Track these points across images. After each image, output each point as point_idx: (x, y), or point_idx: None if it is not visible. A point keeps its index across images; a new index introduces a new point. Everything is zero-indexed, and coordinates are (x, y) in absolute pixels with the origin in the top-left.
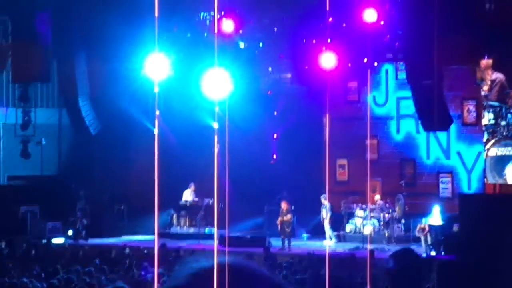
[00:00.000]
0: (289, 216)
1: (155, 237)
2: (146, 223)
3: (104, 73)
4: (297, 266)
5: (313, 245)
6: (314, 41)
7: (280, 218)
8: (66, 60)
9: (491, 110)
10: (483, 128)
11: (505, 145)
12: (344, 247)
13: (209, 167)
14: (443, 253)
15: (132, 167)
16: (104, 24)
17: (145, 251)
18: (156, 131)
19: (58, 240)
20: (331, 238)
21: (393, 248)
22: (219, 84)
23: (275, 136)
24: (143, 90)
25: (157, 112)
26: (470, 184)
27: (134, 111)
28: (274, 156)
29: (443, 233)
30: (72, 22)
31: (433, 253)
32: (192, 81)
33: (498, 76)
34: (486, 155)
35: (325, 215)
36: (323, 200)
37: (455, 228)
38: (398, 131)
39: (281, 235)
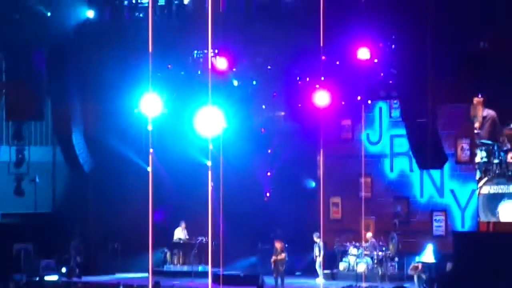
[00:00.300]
0: (283, 255)
1: (149, 275)
2: (139, 261)
3: (98, 112)
4: None
5: (306, 283)
6: (307, 79)
7: (274, 257)
8: (60, 98)
9: (483, 148)
10: (476, 166)
11: (498, 183)
12: (337, 285)
13: (202, 204)
14: None
15: (126, 205)
16: (99, 63)
17: None
18: (150, 169)
19: (51, 278)
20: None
21: (387, 286)
22: (212, 122)
23: (268, 173)
24: (137, 128)
25: (151, 150)
26: (463, 222)
27: (127, 149)
28: (268, 194)
29: (437, 271)
30: (67, 60)
31: None
32: (186, 119)
33: (490, 112)
34: (479, 193)
35: (318, 253)
36: (315, 238)
37: (449, 266)
38: (392, 169)
39: (274, 273)
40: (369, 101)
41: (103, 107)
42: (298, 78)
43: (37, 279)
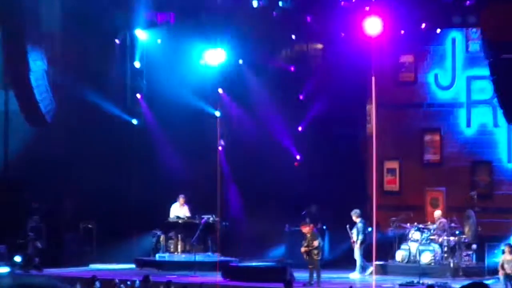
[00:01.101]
0: (315, 243)
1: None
2: (122, 248)
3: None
4: None
5: (347, 279)
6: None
7: (304, 248)
8: (13, 25)
9: None
10: None
11: None
12: (393, 282)
13: (208, 172)
14: None
15: (103, 171)
16: None
17: (122, 285)
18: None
19: (0, 270)
20: (363, 269)
21: (460, 283)
22: (220, 56)
23: (299, 129)
24: (119, 68)
25: (138, 96)
26: None
27: (105, 96)
28: (298, 157)
29: None
30: None
31: None
32: (191, 55)
33: None
34: None
35: (355, 237)
36: (354, 218)
37: None
38: (468, 123)
39: (309, 265)
40: (438, 30)
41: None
42: None
43: None
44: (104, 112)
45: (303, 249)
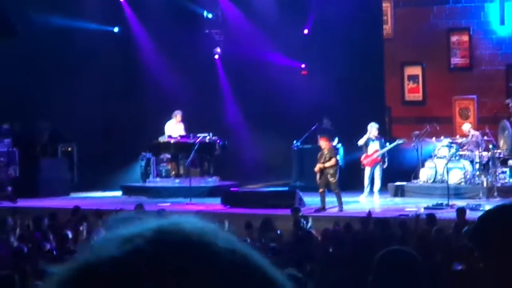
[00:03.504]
0: (332, 161)
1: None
2: (107, 173)
3: None
4: (345, 238)
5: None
6: None
7: (319, 164)
8: None
9: None
10: None
11: None
12: (418, 205)
13: (203, 85)
14: None
15: (84, 89)
16: None
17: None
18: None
19: None
20: (372, 193)
21: (495, 204)
22: None
23: (305, 31)
24: None
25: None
26: None
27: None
28: (303, 65)
29: None
30: None
31: None
32: None
33: None
34: None
35: (378, 154)
36: (373, 131)
37: None
38: (502, 21)
39: (319, 187)
40: None
41: None
42: None
43: None
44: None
45: (317, 167)
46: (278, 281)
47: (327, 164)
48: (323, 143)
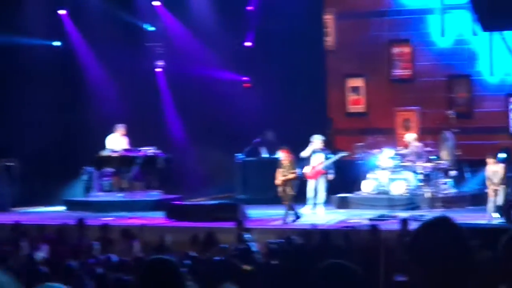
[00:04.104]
0: (294, 174)
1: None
2: (49, 188)
3: None
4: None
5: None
6: None
7: (280, 178)
8: None
9: None
10: None
11: None
12: (361, 217)
13: (146, 98)
14: None
15: (26, 104)
16: None
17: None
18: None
19: None
20: (315, 205)
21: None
22: None
23: (248, 44)
24: None
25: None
26: None
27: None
28: (245, 79)
29: None
30: None
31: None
32: None
33: None
34: None
35: (322, 166)
36: (317, 143)
37: None
38: (443, 32)
39: (283, 199)
40: None
41: None
42: None
43: None
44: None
45: (279, 180)
46: None
47: (289, 177)
48: (283, 155)
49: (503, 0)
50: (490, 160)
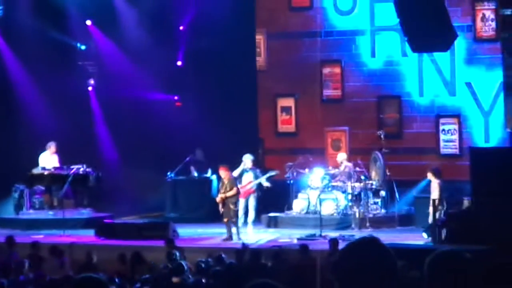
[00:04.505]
0: (234, 190)
1: None
2: None
3: None
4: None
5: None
6: None
7: (221, 194)
8: None
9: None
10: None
11: None
12: (291, 236)
13: (76, 116)
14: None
15: None
16: None
17: None
18: None
19: None
20: (245, 223)
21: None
22: None
23: (179, 63)
24: None
25: None
26: (488, 134)
27: None
28: (176, 97)
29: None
30: None
31: (424, 235)
32: None
33: None
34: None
35: (251, 185)
36: (247, 163)
37: (466, 203)
38: (373, 53)
39: (224, 217)
40: None
41: None
42: None
43: None
44: None
45: (219, 198)
46: None
47: (229, 194)
48: (223, 173)
49: (432, 21)
50: (430, 175)
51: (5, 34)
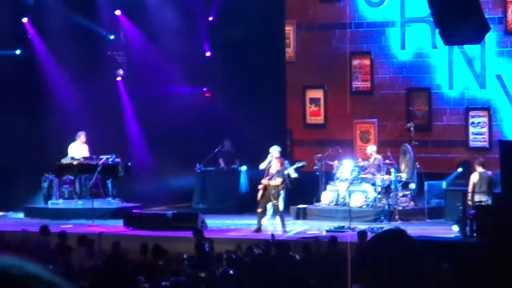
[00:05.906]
0: (278, 181)
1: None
2: (8, 194)
3: None
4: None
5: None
6: None
7: (264, 180)
8: None
9: None
10: None
11: None
12: (320, 228)
13: (106, 106)
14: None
15: None
16: None
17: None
18: None
19: None
20: (274, 216)
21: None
22: None
23: (207, 54)
24: None
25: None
26: None
27: None
28: (205, 89)
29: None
30: None
31: (455, 228)
32: None
33: None
34: None
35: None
36: (275, 154)
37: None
38: (403, 45)
39: (259, 207)
40: None
41: None
42: None
43: None
44: None
45: (261, 185)
46: (55, 282)
47: (272, 182)
48: (275, 162)
49: (465, 13)
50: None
51: (35, 23)
